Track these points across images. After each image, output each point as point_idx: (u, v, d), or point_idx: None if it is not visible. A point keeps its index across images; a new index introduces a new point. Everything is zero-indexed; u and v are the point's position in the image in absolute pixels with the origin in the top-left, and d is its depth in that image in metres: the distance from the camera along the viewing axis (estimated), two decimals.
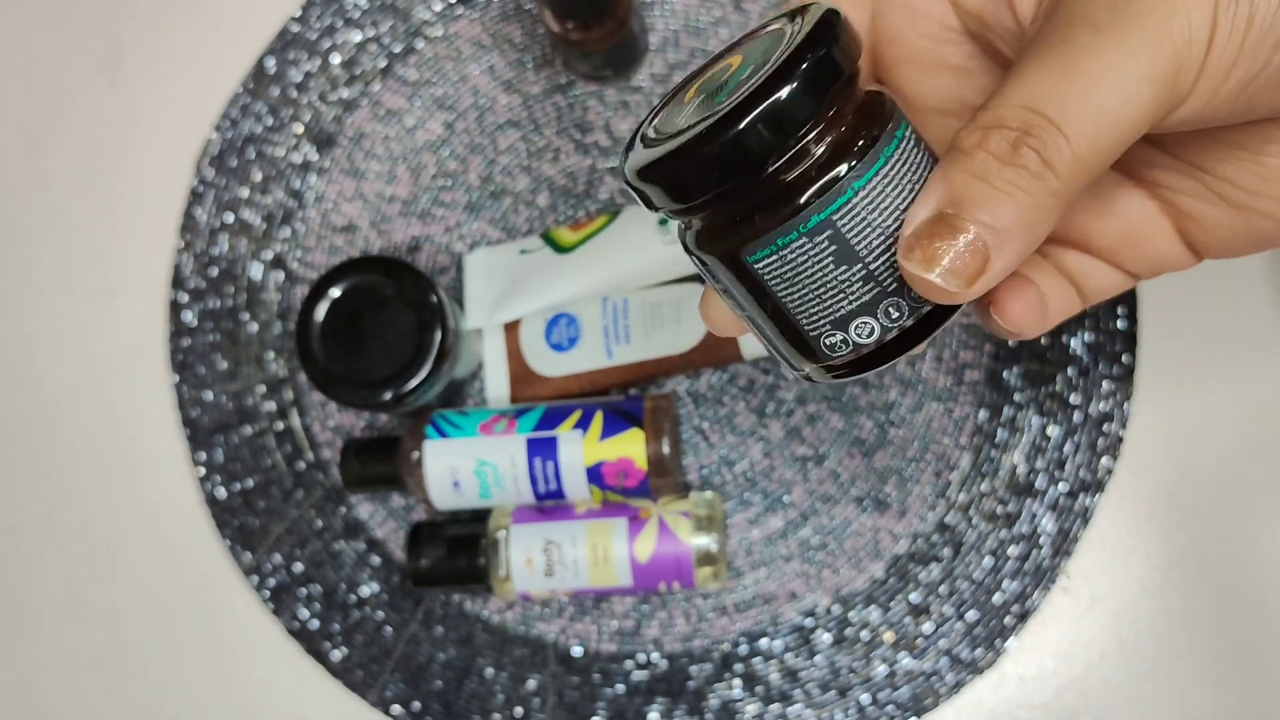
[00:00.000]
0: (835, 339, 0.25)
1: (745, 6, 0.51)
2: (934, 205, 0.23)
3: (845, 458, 0.48)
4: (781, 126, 0.22)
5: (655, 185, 0.24)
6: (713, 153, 0.23)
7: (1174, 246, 0.29)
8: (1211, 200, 0.27)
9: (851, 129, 0.23)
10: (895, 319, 0.24)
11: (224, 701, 0.50)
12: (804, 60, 0.22)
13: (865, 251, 0.24)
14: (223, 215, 0.52)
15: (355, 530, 0.50)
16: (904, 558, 0.48)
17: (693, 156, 0.23)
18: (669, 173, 0.23)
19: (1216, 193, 0.27)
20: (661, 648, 0.48)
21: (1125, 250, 0.29)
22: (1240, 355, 0.48)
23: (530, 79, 0.51)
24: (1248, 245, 0.28)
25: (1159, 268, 0.29)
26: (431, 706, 0.48)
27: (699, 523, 0.45)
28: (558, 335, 0.48)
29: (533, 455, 0.45)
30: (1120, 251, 0.29)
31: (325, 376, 0.44)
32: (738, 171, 0.23)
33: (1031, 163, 0.22)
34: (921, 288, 0.23)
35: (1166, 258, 0.29)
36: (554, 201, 0.51)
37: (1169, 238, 0.29)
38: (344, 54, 0.52)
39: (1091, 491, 0.47)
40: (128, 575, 0.51)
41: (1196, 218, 0.28)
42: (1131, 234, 0.29)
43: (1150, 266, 0.29)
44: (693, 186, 0.24)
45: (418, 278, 0.44)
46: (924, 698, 0.47)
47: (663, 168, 0.23)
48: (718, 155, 0.23)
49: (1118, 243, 0.29)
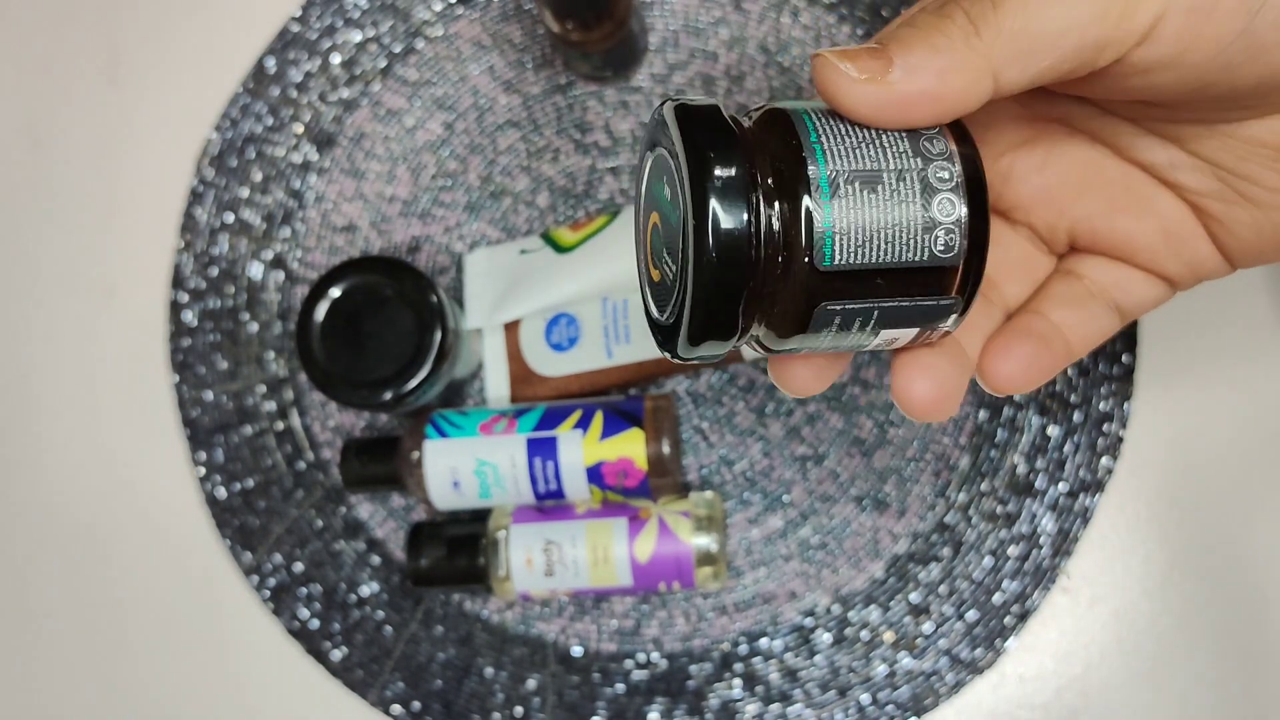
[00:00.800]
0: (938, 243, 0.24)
1: (745, 7, 0.51)
2: (871, 41, 0.24)
3: (845, 457, 0.48)
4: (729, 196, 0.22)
5: (708, 339, 0.23)
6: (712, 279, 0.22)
7: (1210, 249, 0.29)
8: (1236, 201, 0.27)
9: (776, 152, 0.23)
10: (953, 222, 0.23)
11: (224, 701, 0.50)
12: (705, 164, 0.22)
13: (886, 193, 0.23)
14: (223, 215, 0.52)
15: (355, 530, 0.50)
16: (904, 557, 0.48)
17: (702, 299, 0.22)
18: (703, 326, 0.23)
19: (1239, 192, 0.27)
20: (661, 647, 0.48)
21: (1166, 251, 0.29)
22: (1240, 355, 0.48)
23: (530, 79, 0.51)
24: (1276, 249, 0.28)
25: (1198, 272, 0.29)
26: (431, 706, 0.48)
27: (699, 523, 0.45)
28: (558, 335, 0.48)
29: (533, 455, 0.45)
30: (1161, 253, 0.29)
31: (325, 376, 0.44)
32: (740, 272, 0.22)
33: (958, 18, 0.23)
34: (827, 78, 0.23)
35: (1205, 261, 0.29)
36: (554, 201, 0.51)
37: (1204, 239, 0.29)
38: (344, 54, 0.52)
39: (1091, 491, 0.47)
40: (128, 575, 0.51)
41: (1222, 220, 0.28)
42: (1172, 232, 0.29)
43: (1191, 270, 0.29)
44: (727, 315, 0.23)
45: (418, 278, 0.44)
46: (924, 698, 0.47)
47: (695, 327, 0.23)
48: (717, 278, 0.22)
49: (1159, 243, 0.29)
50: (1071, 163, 0.29)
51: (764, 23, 0.50)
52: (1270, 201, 0.27)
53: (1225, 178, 0.27)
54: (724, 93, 0.50)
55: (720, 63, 0.50)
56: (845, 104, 0.23)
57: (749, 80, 0.50)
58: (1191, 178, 0.28)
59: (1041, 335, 0.28)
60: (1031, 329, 0.28)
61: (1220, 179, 0.27)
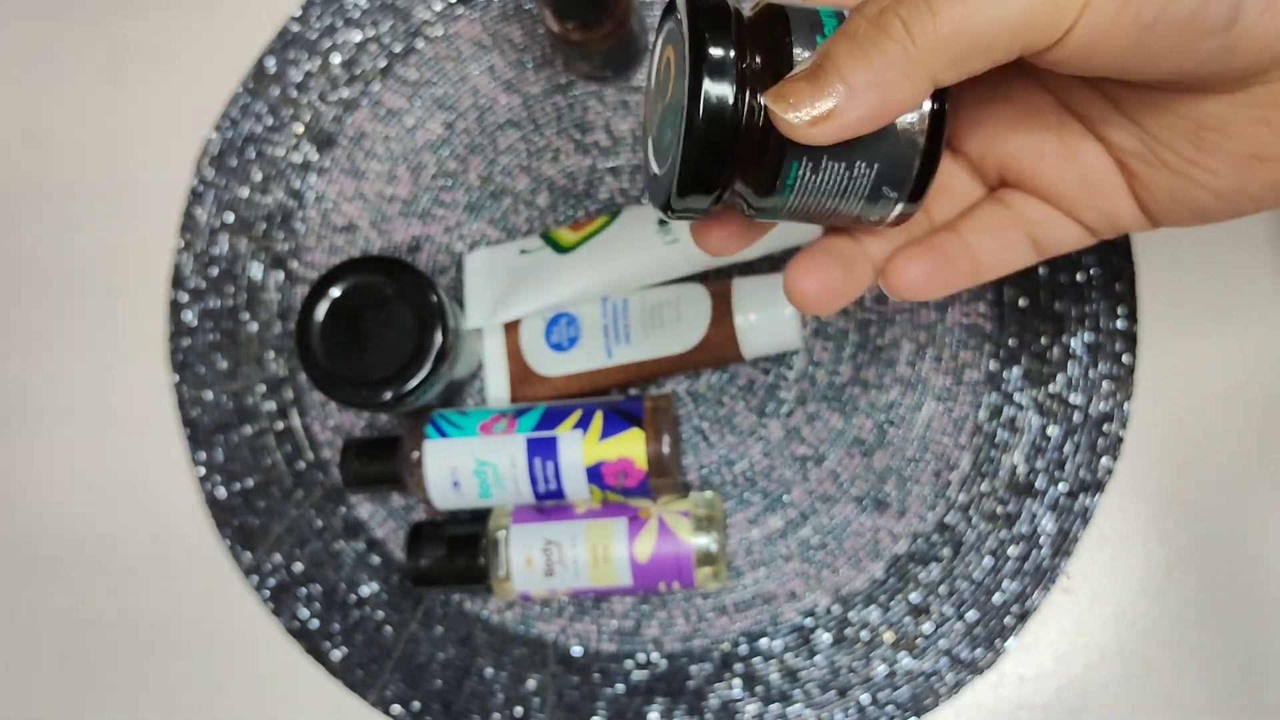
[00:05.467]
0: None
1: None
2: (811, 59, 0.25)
3: (845, 457, 0.48)
4: (722, 71, 0.25)
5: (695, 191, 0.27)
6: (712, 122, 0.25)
7: (1129, 204, 0.30)
8: (1155, 164, 0.29)
9: (767, 35, 0.26)
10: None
11: (224, 701, 0.50)
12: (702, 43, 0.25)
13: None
14: (223, 215, 0.52)
15: (355, 530, 0.50)
16: (904, 558, 0.48)
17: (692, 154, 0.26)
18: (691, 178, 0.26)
19: (1158, 157, 0.29)
20: (661, 647, 0.48)
21: (1083, 200, 0.30)
22: (1240, 355, 0.48)
23: (530, 79, 0.51)
24: (1190, 215, 0.29)
25: (1115, 223, 0.31)
26: (431, 706, 0.48)
27: (699, 523, 0.45)
28: (558, 335, 0.48)
29: (533, 455, 0.45)
30: (1079, 201, 0.30)
31: (325, 376, 0.44)
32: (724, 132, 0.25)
33: (894, 29, 0.24)
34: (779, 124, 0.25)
35: (1121, 214, 0.30)
36: (554, 201, 0.51)
37: (1124, 193, 0.30)
38: (344, 54, 0.52)
39: (1091, 491, 0.47)
40: (127, 575, 0.51)
41: (1142, 179, 0.29)
42: (1090, 182, 0.30)
43: (1107, 221, 0.31)
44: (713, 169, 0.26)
45: (418, 278, 0.44)
46: (924, 698, 0.47)
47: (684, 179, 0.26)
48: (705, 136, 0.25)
49: (1076, 190, 0.30)
50: (1013, 103, 0.31)
51: None
52: (1185, 171, 0.28)
53: (1148, 141, 0.28)
54: None
55: None
56: (802, 139, 0.25)
57: None
58: (1119, 135, 0.29)
59: (947, 252, 0.30)
60: (939, 245, 0.30)
61: (1143, 142, 0.29)
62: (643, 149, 0.31)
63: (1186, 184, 0.29)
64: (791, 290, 0.30)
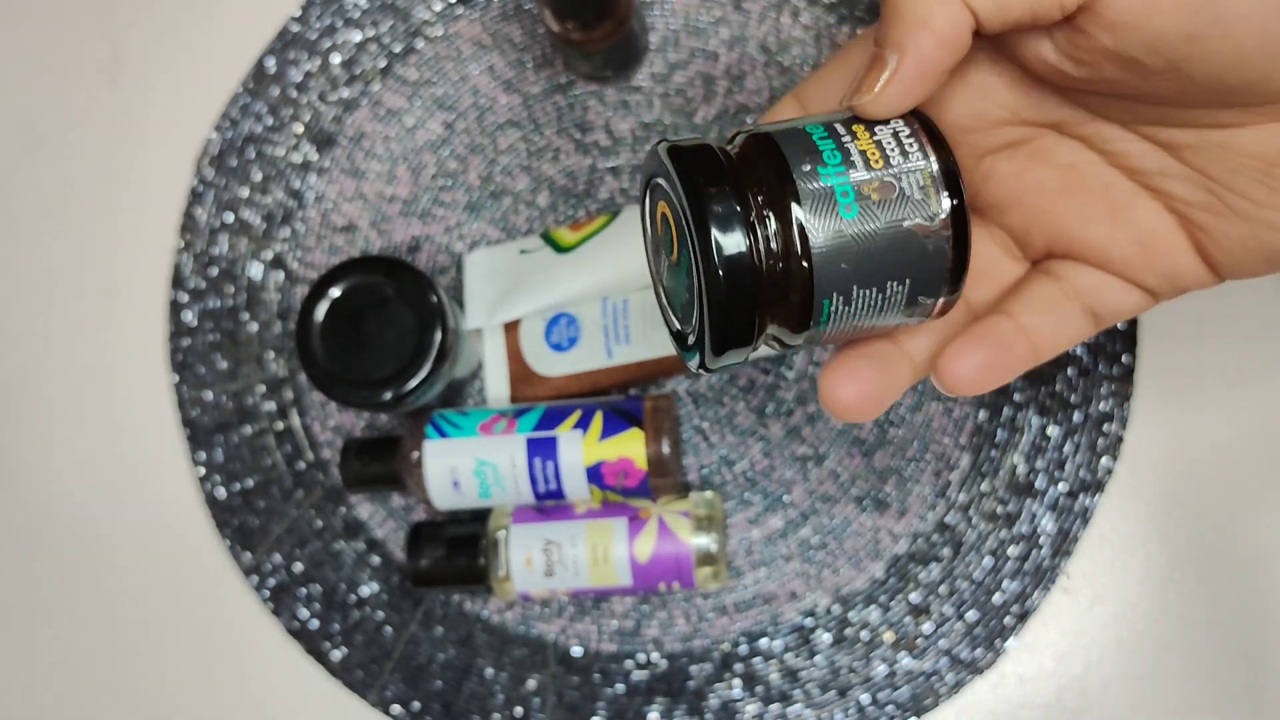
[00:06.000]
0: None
1: (745, 6, 0.51)
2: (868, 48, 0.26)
3: (845, 457, 0.48)
4: (730, 225, 0.24)
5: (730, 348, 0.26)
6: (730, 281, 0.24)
7: (1191, 261, 0.28)
8: (1223, 213, 0.27)
9: (764, 174, 0.25)
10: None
11: (224, 701, 0.50)
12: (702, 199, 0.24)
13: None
14: (223, 215, 0.52)
15: (355, 530, 0.50)
16: (904, 558, 0.48)
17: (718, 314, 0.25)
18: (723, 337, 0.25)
19: (1227, 204, 0.27)
20: (661, 647, 0.48)
21: (1142, 262, 0.29)
22: (1240, 355, 0.48)
23: (530, 79, 0.51)
24: (1263, 262, 0.28)
25: (1178, 283, 0.29)
26: (431, 706, 0.48)
27: (699, 523, 0.45)
28: (558, 335, 0.48)
29: (533, 455, 0.45)
30: (1136, 264, 0.29)
31: (325, 376, 0.44)
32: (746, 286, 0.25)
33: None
34: (860, 113, 0.25)
35: (1185, 272, 0.28)
36: (554, 201, 0.51)
37: (1186, 251, 0.28)
38: (344, 54, 0.52)
39: (1091, 491, 0.47)
40: (127, 575, 0.51)
41: (1209, 230, 0.27)
42: (1147, 243, 0.28)
43: (1169, 281, 0.29)
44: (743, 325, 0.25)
45: (418, 278, 0.44)
46: (924, 698, 0.47)
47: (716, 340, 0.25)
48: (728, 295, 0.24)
49: (1134, 254, 0.28)
50: (1054, 167, 0.29)
51: (764, 22, 0.50)
52: (1257, 215, 0.27)
53: (1214, 189, 0.27)
54: (724, 92, 0.50)
55: (720, 62, 0.50)
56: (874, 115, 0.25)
57: (749, 80, 0.50)
58: (1181, 187, 0.27)
59: (1001, 338, 0.28)
60: (991, 331, 0.28)
61: (1209, 190, 0.27)
62: (655, 298, 0.30)
63: (1260, 230, 0.27)
64: (828, 400, 0.28)
